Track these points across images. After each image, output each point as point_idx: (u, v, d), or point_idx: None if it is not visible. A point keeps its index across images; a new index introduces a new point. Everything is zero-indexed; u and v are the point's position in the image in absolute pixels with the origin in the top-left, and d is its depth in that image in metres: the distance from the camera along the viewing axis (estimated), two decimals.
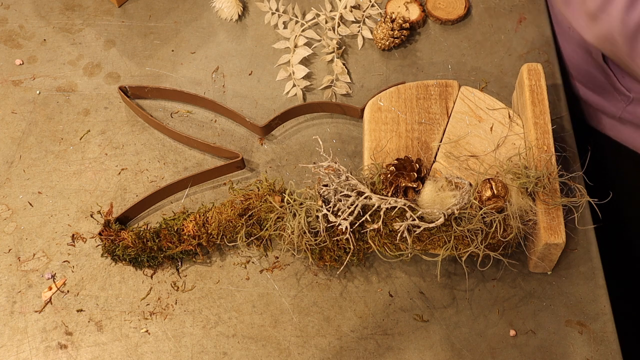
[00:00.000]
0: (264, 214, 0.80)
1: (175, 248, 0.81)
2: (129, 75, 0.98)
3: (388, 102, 0.87)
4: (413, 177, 0.78)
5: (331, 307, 0.81)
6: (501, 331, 0.79)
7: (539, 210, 0.76)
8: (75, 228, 0.86)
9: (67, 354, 0.79)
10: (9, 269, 0.84)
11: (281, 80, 0.97)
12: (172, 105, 0.95)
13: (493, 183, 0.76)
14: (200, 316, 0.81)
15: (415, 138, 0.85)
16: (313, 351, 0.79)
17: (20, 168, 0.90)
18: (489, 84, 0.95)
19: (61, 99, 0.96)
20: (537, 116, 0.82)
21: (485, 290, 0.82)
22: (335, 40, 0.98)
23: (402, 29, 0.97)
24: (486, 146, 0.83)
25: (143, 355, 0.79)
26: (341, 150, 0.91)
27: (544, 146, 0.80)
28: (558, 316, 0.80)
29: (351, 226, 0.77)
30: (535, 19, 1.01)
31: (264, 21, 1.02)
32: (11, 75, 0.98)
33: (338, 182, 0.78)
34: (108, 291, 0.82)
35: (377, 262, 0.83)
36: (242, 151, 0.90)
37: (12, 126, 0.94)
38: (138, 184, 0.89)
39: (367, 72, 0.97)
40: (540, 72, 0.84)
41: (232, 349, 0.79)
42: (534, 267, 0.81)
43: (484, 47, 0.99)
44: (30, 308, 0.82)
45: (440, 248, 0.77)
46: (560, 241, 0.75)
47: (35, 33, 1.02)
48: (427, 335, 0.79)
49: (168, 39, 1.01)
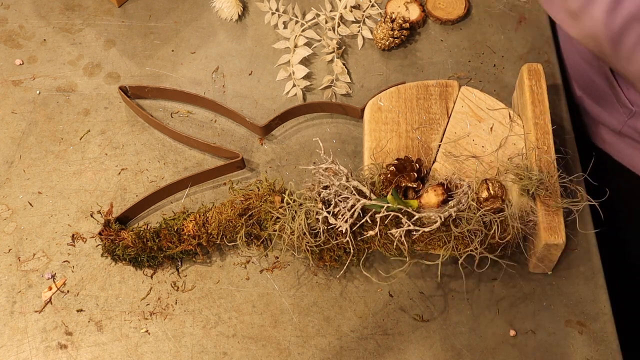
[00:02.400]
0: (264, 214, 0.80)
1: (175, 248, 0.81)
2: (129, 75, 0.98)
3: (388, 102, 0.87)
4: (413, 177, 0.78)
5: (331, 307, 0.81)
6: (501, 331, 0.79)
7: (539, 211, 0.76)
8: (75, 228, 0.86)
9: (67, 354, 0.79)
10: (9, 269, 0.84)
11: (281, 80, 0.97)
12: (172, 105, 0.95)
13: (490, 184, 0.76)
14: (200, 316, 0.81)
15: (415, 138, 0.85)
16: (313, 351, 0.79)
17: (20, 168, 0.90)
18: (489, 83, 0.95)
19: (61, 99, 0.96)
20: (538, 116, 0.82)
21: (485, 290, 0.82)
22: (335, 40, 0.98)
23: (402, 29, 0.97)
24: (486, 146, 0.83)
25: (143, 355, 0.79)
26: (341, 150, 0.91)
27: (545, 146, 0.80)
28: (558, 316, 0.80)
29: (351, 228, 0.77)
30: (535, 19, 1.01)
31: (264, 21, 1.02)
32: (11, 75, 0.98)
33: (338, 184, 0.78)
34: (108, 291, 0.82)
35: (377, 262, 0.83)
36: (242, 151, 0.90)
37: (12, 126, 0.94)
38: (138, 184, 0.89)
39: (367, 72, 0.97)
40: (541, 73, 0.84)
41: (232, 349, 0.79)
42: (534, 268, 0.81)
43: (484, 47, 0.99)
44: (30, 308, 0.82)
45: (440, 248, 0.77)
46: (560, 241, 0.75)
47: (35, 33, 1.02)
48: (427, 335, 0.79)
49: (168, 39, 1.01)
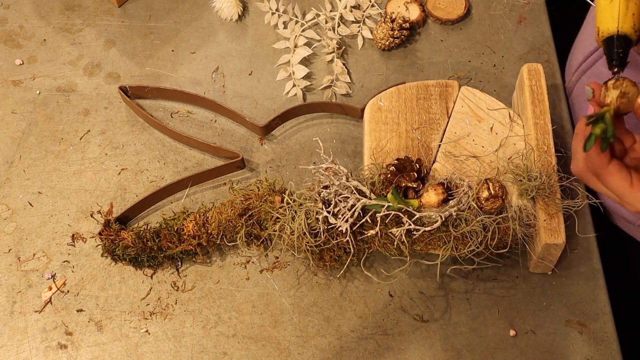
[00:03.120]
0: (264, 214, 0.80)
1: (175, 248, 0.81)
2: (129, 75, 0.98)
3: (388, 102, 0.87)
4: (413, 177, 0.78)
5: (331, 307, 0.81)
6: (501, 331, 0.79)
7: (539, 211, 0.76)
8: (75, 228, 0.86)
9: (67, 354, 0.79)
10: (9, 269, 0.84)
11: (281, 80, 0.97)
12: (172, 105, 0.95)
13: (490, 183, 0.76)
14: (200, 316, 0.81)
15: (415, 138, 0.85)
16: (313, 351, 0.79)
17: (20, 168, 0.90)
18: (489, 83, 0.95)
19: (61, 99, 0.96)
20: (538, 116, 0.82)
21: (485, 290, 0.82)
22: (335, 40, 0.98)
23: (402, 29, 0.97)
24: (486, 146, 0.83)
25: (143, 355, 0.79)
26: (341, 150, 0.91)
27: (545, 147, 0.80)
28: (558, 316, 0.80)
29: (351, 228, 0.77)
30: (535, 19, 1.01)
31: (264, 21, 1.02)
32: (11, 75, 0.98)
33: (338, 184, 0.78)
34: (108, 291, 0.82)
35: (377, 262, 0.83)
36: (242, 151, 0.90)
37: (12, 126, 0.94)
38: (138, 184, 0.89)
39: (367, 72, 0.97)
40: (541, 72, 0.84)
41: (232, 349, 0.79)
42: (534, 268, 0.81)
43: (484, 47, 0.99)
44: (30, 308, 0.82)
45: (440, 248, 0.77)
46: (560, 242, 0.75)
47: (35, 33, 1.02)
48: (427, 335, 0.79)
49: (168, 39, 1.01)
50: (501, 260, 0.81)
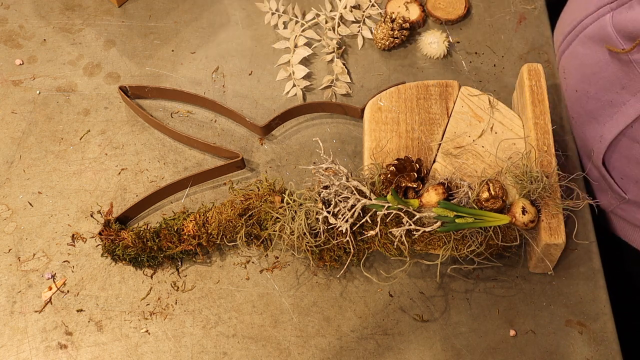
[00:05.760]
0: (264, 214, 0.80)
1: (175, 248, 0.81)
2: (129, 75, 0.98)
3: (388, 102, 0.87)
4: (413, 177, 0.78)
5: (331, 307, 0.81)
6: (501, 331, 0.79)
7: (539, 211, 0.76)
8: (75, 228, 0.86)
9: (67, 354, 0.79)
10: (9, 269, 0.84)
11: (281, 80, 0.97)
12: (172, 105, 0.95)
13: (491, 184, 0.76)
14: (200, 316, 0.81)
15: (416, 138, 0.85)
16: (313, 351, 0.79)
17: (20, 168, 0.91)
18: (489, 83, 0.95)
19: (61, 99, 0.96)
20: (538, 116, 0.82)
21: (485, 290, 0.82)
22: (335, 40, 0.98)
23: (402, 29, 0.97)
24: (486, 146, 0.83)
25: (143, 355, 0.79)
26: (341, 150, 0.91)
27: (545, 146, 0.80)
28: (558, 316, 0.80)
29: (351, 228, 0.77)
30: (535, 19, 1.01)
31: (264, 21, 1.02)
32: (11, 75, 0.98)
33: (338, 184, 0.78)
34: (108, 291, 0.82)
35: (377, 262, 0.83)
36: (242, 151, 0.90)
37: (12, 126, 0.94)
38: (138, 184, 0.89)
39: (367, 72, 0.97)
40: (541, 72, 0.84)
41: (232, 349, 0.79)
42: (534, 268, 0.81)
43: (484, 47, 0.99)
44: (30, 308, 0.82)
45: (440, 248, 0.77)
46: (560, 242, 0.75)
47: (35, 33, 1.02)
48: (427, 335, 0.79)
49: (168, 39, 1.01)
50: (501, 260, 0.81)
